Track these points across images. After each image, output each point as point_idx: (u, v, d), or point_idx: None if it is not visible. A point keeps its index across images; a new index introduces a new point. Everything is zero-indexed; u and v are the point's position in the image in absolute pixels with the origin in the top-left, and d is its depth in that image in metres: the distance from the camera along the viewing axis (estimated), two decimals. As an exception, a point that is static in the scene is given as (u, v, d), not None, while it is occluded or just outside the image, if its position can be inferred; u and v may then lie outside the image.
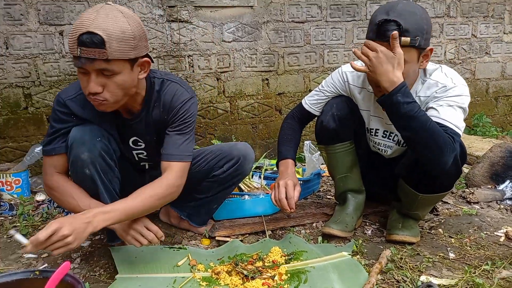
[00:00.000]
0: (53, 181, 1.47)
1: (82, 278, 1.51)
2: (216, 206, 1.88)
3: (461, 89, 1.52)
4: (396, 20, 1.39)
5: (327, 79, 1.83)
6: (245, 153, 1.75)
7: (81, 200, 1.44)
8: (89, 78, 1.29)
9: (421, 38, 1.43)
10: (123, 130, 1.58)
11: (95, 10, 1.26)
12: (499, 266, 1.50)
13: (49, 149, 1.48)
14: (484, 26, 3.51)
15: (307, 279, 1.43)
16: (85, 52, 1.23)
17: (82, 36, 1.22)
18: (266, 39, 3.03)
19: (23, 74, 2.63)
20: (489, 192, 2.25)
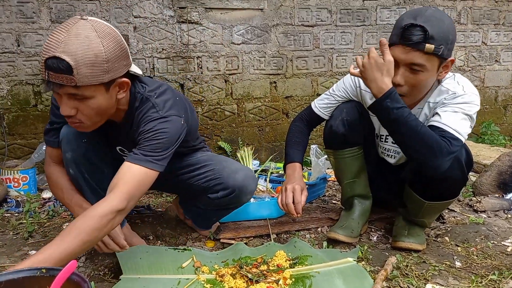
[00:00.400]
0: (48, 170, 1.55)
1: (87, 277, 1.51)
2: (215, 219, 1.83)
3: (471, 97, 1.50)
4: (423, 26, 1.37)
5: (338, 83, 1.82)
6: (242, 185, 1.60)
7: (66, 194, 1.51)
8: (61, 101, 1.22)
9: (445, 48, 1.41)
10: (111, 135, 1.54)
11: (66, 29, 1.14)
12: (506, 276, 1.48)
13: (46, 139, 1.54)
14: (494, 33, 3.49)
15: (311, 284, 1.43)
16: (53, 77, 1.14)
17: (48, 61, 1.13)
18: (275, 42, 3.03)
19: (33, 71, 2.65)
20: (497, 201, 2.23)
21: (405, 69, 1.46)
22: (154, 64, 2.84)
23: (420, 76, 1.45)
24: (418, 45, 1.39)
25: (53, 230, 1.94)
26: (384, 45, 1.41)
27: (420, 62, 1.42)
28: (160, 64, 2.84)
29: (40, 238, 1.86)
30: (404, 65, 1.45)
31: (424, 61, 1.42)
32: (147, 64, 2.82)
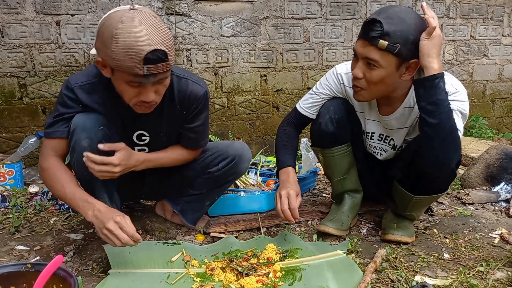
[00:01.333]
0: (48, 162, 1.46)
1: (75, 272, 1.49)
2: (209, 203, 1.86)
3: (463, 95, 1.50)
4: (380, 21, 1.37)
5: (321, 81, 1.79)
6: (241, 152, 1.73)
7: (69, 188, 1.42)
8: (143, 90, 1.32)
9: (403, 47, 1.38)
10: (129, 122, 1.55)
11: (140, 23, 1.22)
12: (493, 267, 1.50)
13: (51, 131, 1.46)
14: (483, 28, 3.52)
15: (301, 276, 1.43)
16: (152, 69, 1.25)
17: (149, 55, 1.22)
18: (265, 35, 3.01)
19: (18, 63, 2.60)
20: (484, 194, 2.25)
21: (363, 63, 1.46)
22: (143, 57, 2.79)
23: (375, 72, 1.44)
24: (373, 40, 1.39)
25: (40, 225, 1.92)
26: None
27: (374, 58, 1.41)
28: (149, 57, 2.80)
29: (27, 232, 1.83)
30: (362, 59, 1.46)
31: (378, 57, 1.41)
32: (136, 56, 2.78)
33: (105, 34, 1.25)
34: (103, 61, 1.31)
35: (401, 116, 1.62)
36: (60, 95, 1.48)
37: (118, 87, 1.36)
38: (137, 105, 1.38)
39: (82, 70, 1.53)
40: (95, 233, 1.83)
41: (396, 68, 1.44)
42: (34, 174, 2.62)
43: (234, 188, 2.27)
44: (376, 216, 2.03)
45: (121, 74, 1.28)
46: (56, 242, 1.75)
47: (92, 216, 1.35)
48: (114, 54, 1.23)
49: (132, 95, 1.34)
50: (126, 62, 1.23)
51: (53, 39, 2.62)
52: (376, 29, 1.38)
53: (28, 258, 1.61)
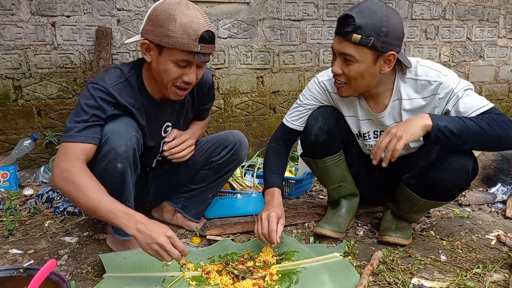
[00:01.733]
0: (77, 167, 1.34)
1: (69, 276, 1.48)
2: (212, 196, 1.90)
3: (453, 76, 1.52)
4: (352, 16, 1.40)
5: (304, 92, 1.76)
6: (240, 139, 1.84)
7: (103, 197, 1.31)
8: (188, 70, 1.43)
9: (376, 40, 1.40)
10: (157, 116, 1.61)
11: (192, 9, 1.38)
12: (490, 269, 1.49)
13: (85, 136, 1.39)
14: (479, 29, 3.53)
15: (298, 279, 1.42)
16: (204, 48, 1.38)
17: (204, 34, 1.37)
18: (261, 36, 3.01)
19: (13, 65, 2.58)
20: (481, 195, 2.25)
21: (340, 59, 1.49)
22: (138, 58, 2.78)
23: (353, 67, 1.46)
24: (347, 35, 1.41)
25: (34, 228, 1.90)
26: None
27: (349, 53, 1.44)
28: (145, 58, 2.79)
29: (21, 236, 1.82)
30: (338, 55, 1.49)
31: (354, 52, 1.43)
32: (131, 58, 2.77)
33: (161, 16, 1.37)
34: (150, 43, 1.40)
35: (392, 110, 1.61)
36: (88, 98, 1.42)
37: (162, 67, 1.42)
38: (175, 87, 1.47)
39: (97, 74, 1.52)
40: (90, 236, 1.81)
41: (373, 61, 1.45)
42: (28, 176, 2.60)
43: (231, 190, 2.26)
44: (373, 218, 2.02)
45: (172, 52, 1.38)
46: (50, 245, 1.73)
47: (135, 230, 1.26)
48: (172, 32, 1.35)
49: (175, 75, 1.43)
50: (183, 40, 1.35)
51: (49, 40, 2.61)
52: (349, 23, 1.40)
53: (22, 261, 1.59)
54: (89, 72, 2.69)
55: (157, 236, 1.25)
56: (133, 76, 1.51)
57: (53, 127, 2.73)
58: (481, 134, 1.41)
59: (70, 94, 2.71)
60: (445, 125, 1.41)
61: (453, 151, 1.50)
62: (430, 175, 1.56)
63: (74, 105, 2.73)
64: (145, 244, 1.26)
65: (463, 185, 1.56)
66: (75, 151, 1.37)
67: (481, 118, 1.43)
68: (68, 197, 1.36)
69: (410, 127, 1.43)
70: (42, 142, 2.71)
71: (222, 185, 1.93)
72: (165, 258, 1.27)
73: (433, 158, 1.54)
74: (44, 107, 2.69)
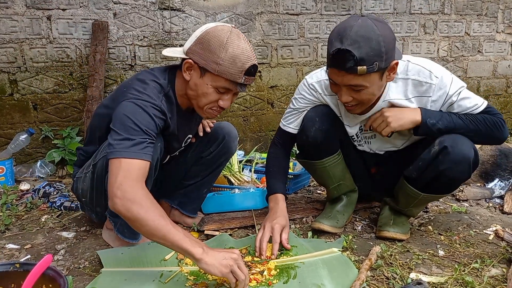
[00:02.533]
0: (144, 189, 1.26)
1: (66, 271, 1.47)
2: (206, 191, 1.91)
3: (445, 77, 1.51)
4: (350, 50, 1.31)
5: (296, 96, 1.73)
6: (229, 131, 1.83)
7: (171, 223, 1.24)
8: (225, 97, 1.45)
9: (380, 62, 1.35)
10: (184, 128, 1.63)
11: (243, 40, 1.40)
12: (488, 264, 1.49)
13: (148, 154, 1.29)
14: (477, 24, 3.52)
15: (296, 274, 1.41)
16: (247, 80, 1.42)
17: (250, 67, 1.40)
18: (259, 30, 2.99)
19: (8, 59, 2.55)
20: (478, 190, 2.25)
21: (347, 89, 1.43)
22: (136, 52, 2.76)
23: (364, 92, 1.42)
24: (350, 69, 1.34)
25: (31, 223, 1.89)
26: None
27: (357, 83, 1.39)
28: (142, 52, 2.77)
29: (17, 231, 1.80)
30: (344, 86, 1.43)
31: (361, 81, 1.38)
32: (128, 52, 2.75)
33: (213, 41, 1.37)
34: (195, 64, 1.40)
35: (378, 109, 1.60)
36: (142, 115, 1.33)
37: (201, 90, 1.42)
38: (210, 109, 1.48)
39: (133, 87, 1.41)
40: (87, 231, 1.81)
41: (380, 79, 1.42)
42: (25, 171, 2.59)
43: (229, 185, 2.25)
44: (371, 213, 2.02)
45: (216, 79, 1.39)
46: (47, 240, 1.72)
47: (205, 254, 1.22)
48: (221, 60, 1.36)
49: (212, 99, 1.44)
50: (230, 70, 1.37)
51: (44, 34, 2.58)
52: (348, 59, 1.32)
53: (18, 256, 1.58)
54: (85, 66, 2.67)
55: (227, 254, 1.25)
56: (170, 90, 1.49)
57: (49, 121, 2.71)
58: (466, 133, 1.52)
59: (66, 89, 2.69)
60: (433, 122, 1.52)
61: (455, 143, 1.51)
62: (433, 168, 1.56)
63: (70, 100, 2.71)
64: (218, 264, 1.21)
65: (465, 176, 1.57)
66: (138, 169, 1.26)
67: (472, 118, 1.53)
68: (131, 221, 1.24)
69: (401, 118, 1.53)
70: (39, 136, 2.69)
71: (215, 178, 1.93)
72: (240, 275, 1.22)
73: (435, 151, 1.54)
74: (40, 101, 2.66)
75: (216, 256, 1.22)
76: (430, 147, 1.56)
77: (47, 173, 2.60)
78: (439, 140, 1.54)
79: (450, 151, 1.50)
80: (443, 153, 1.52)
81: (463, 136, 1.52)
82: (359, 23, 1.34)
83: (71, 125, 2.73)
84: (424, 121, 1.52)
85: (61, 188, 2.29)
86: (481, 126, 1.52)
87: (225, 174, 2.33)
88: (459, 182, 1.62)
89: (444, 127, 1.52)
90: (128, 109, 1.33)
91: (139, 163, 1.26)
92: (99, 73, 2.59)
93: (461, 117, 1.53)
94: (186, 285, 1.35)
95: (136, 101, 1.35)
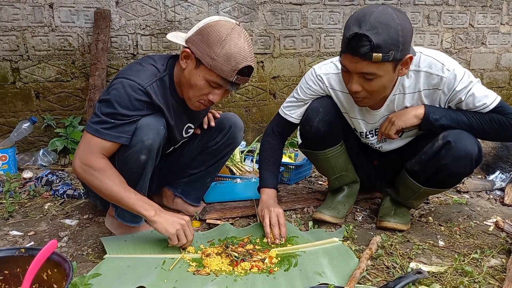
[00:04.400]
0: (99, 162, 1.39)
1: (70, 257, 1.48)
2: (210, 180, 1.91)
3: (458, 70, 1.48)
4: (368, 35, 1.28)
5: (301, 85, 1.72)
6: (235, 121, 1.84)
7: (124, 187, 1.40)
8: (216, 91, 1.45)
9: (396, 52, 1.32)
10: (182, 116, 1.61)
11: (243, 39, 1.39)
12: (488, 254, 1.51)
13: (114, 135, 1.39)
14: (481, 16, 3.49)
15: (297, 262, 1.43)
16: (239, 79, 1.41)
17: (244, 68, 1.39)
18: (262, 20, 2.97)
19: (10, 47, 2.55)
20: (479, 182, 2.26)
21: (358, 77, 1.40)
22: (138, 41, 2.75)
23: (375, 82, 1.40)
24: (365, 55, 1.31)
25: (34, 210, 1.90)
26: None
27: (370, 71, 1.36)
28: (144, 41, 2.76)
29: (21, 218, 1.82)
30: (356, 74, 1.40)
31: (375, 69, 1.35)
32: (130, 41, 2.74)
33: (212, 36, 1.37)
34: (192, 54, 1.40)
35: (391, 103, 1.59)
36: (123, 96, 1.38)
37: (194, 81, 1.42)
38: (199, 102, 1.48)
39: (131, 68, 1.46)
40: (90, 219, 1.82)
41: (393, 70, 1.40)
42: (27, 159, 2.60)
43: (230, 175, 2.26)
44: (372, 203, 2.03)
45: (209, 72, 1.39)
46: (50, 227, 1.74)
47: (157, 215, 1.41)
48: (216, 55, 1.36)
49: (203, 92, 1.45)
50: (223, 67, 1.37)
51: (46, 22, 2.57)
52: (365, 44, 1.30)
53: (22, 243, 1.60)
54: (87, 55, 2.66)
55: (177, 218, 1.45)
56: (167, 75, 1.49)
57: (52, 110, 2.71)
58: (471, 132, 1.52)
59: (68, 77, 2.69)
60: (437, 118, 1.52)
61: (458, 138, 1.50)
62: (435, 162, 1.55)
63: (72, 88, 2.71)
64: (166, 224, 1.41)
65: (466, 172, 1.57)
66: (97, 146, 1.39)
67: (479, 117, 1.51)
68: (89, 185, 1.43)
69: (404, 115, 1.56)
70: (41, 125, 2.69)
71: (220, 168, 1.93)
72: (182, 239, 1.43)
73: (439, 145, 1.53)
74: (43, 90, 2.66)
75: (166, 218, 1.43)
76: (433, 141, 1.56)
77: (49, 162, 2.61)
78: (443, 134, 1.53)
79: (453, 146, 1.50)
80: (446, 148, 1.51)
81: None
82: (379, 10, 1.33)
83: (73, 114, 2.73)
84: (427, 116, 1.52)
85: (64, 176, 2.30)
86: (486, 126, 1.50)
87: (227, 164, 2.33)
88: (461, 177, 1.61)
89: (447, 124, 1.52)
90: (114, 86, 1.41)
91: (100, 141, 1.39)
92: (101, 62, 2.58)
93: (467, 115, 1.51)
94: (188, 271, 1.37)
95: (123, 80, 1.40)
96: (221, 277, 1.33)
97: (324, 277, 1.31)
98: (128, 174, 1.44)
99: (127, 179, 1.42)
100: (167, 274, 1.35)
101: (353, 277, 1.26)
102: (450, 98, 1.52)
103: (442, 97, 1.52)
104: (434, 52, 1.53)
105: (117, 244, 1.51)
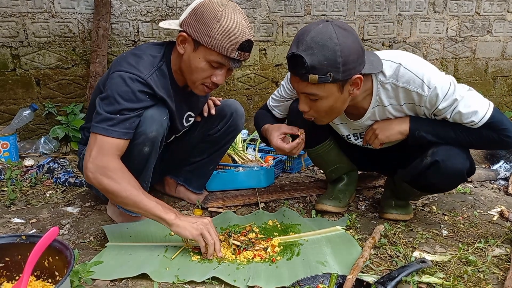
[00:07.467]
0: (115, 163, 1.33)
1: (71, 245, 1.48)
2: (212, 168, 1.90)
3: (440, 86, 1.34)
4: (302, 56, 1.23)
5: (283, 83, 1.67)
6: (236, 108, 1.81)
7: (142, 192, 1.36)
8: (218, 72, 1.41)
9: (336, 73, 1.25)
10: (182, 105, 1.59)
11: (239, 14, 1.35)
12: (492, 244, 1.50)
13: (120, 131, 1.34)
14: (488, 3, 3.43)
15: (300, 251, 1.42)
16: (241, 55, 1.37)
17: (244, 43, 1.35)
18: (265, 7, 2.92)
19: (10, 33, 2.52)
20: (483, 172, 2.24)
21: (304, 97, 1.36)
22: (139, 28, 2.72)
23: (320, 103, 1.34)
24: (302, 76, 1.27)
25: (36, 198, 1.90)
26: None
27: (311, 92, 1.31)
28: (145, 28, 2.73)
29: (22, 205, 1.82)
30: (301, 94, 1.36)
31: (315, 90, 1.30)
32: (131, 27, 2.70)
33: (207, 13, 1.33)
34: (187, 36, 1.36)
35: (372, 115, 1.51)
36: (125, 89, 1.35)
37: (194, 64, 1.39)
38: (202, 85, 1.44)
39: (126, 60, 1.40)
40: (92, 207, 1.81)
41: (339, 91, 1.32)
42: (29, 147, 2.59)
43: (233, 163, 2.25)
44: (375, 192, 2.02)
45: (209, 52, 1.35)
46: (52, 215, 1.73)
47: (177, 219, 1.35)
48: (214, 33, 1.32)
49: (205, 75, 1.41)
50: (223, 43, 1.33)
51: (46, 8, 2.53)
52: (300, 65, 1.25)
53: (24, 230, 1.60)
54: (88, 42, 2.63)
55: (198, 219, 1.39)
56: (164, 64, 1.45)
57: (53, 97, 2.69)
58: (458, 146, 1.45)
59: (69, 64, 2.66)
60: (422, 135, 1.45)
61: (447, 156, 1.43)
62: (423, 178, 1.51)
63: (73, 76, 2.68)
64: (189, 227, 1.35)
65: (457, 185, 1.59)
66: (110, 146, 1.33)
67: (467, 133, 1.40)
68: (104, 192, 1.36)
69: (388, 129, 1.49)
70: (42, 112, 2.68)
71: (222, 156, 1.92)
72: (208, 238, 1.35)
73: (427, 162, 1.46)
74: (43, 77, 2.64)
75: (188, 220, 1.36)
76: (422, 156, 1.48)
77: (51, 149, 2.60)
78: (432, 150, 1.45)
79: (441, 165, 1.43)
80: (434, 167, 1.45)
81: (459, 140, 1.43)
82: (318, 29, 1.25)
83: (74, 101, 2.71)
84: (412, 133, 1.45)
85: (65, 164, 2.30)
86: (475, 141, 1.42)
87: (229, 153, 2.32)
88: (452, 189, 1.64)
89: (433, 139, 1.44)
90: (113, 81, 1.36)
91: (112, 141, 1.33)
92: (102, 49, 2.55)
93: (456, 131, 1.41)
94: (192, 259, 1.36)
95: (123, 74, 1.36)
96: (223, 265, 1.33)
97: (327, 266, 1.30)
98: (132, 165, 1.40)
99: (130, 170, 1.38)
100: (169, 262, 1.35)
101: (356, 266, 1.25)
102: (434, 113, 1.41)
103: (426, 111, 1.42)
104: (415, 63, 1.38)
105: (119, 232, 1.51)
